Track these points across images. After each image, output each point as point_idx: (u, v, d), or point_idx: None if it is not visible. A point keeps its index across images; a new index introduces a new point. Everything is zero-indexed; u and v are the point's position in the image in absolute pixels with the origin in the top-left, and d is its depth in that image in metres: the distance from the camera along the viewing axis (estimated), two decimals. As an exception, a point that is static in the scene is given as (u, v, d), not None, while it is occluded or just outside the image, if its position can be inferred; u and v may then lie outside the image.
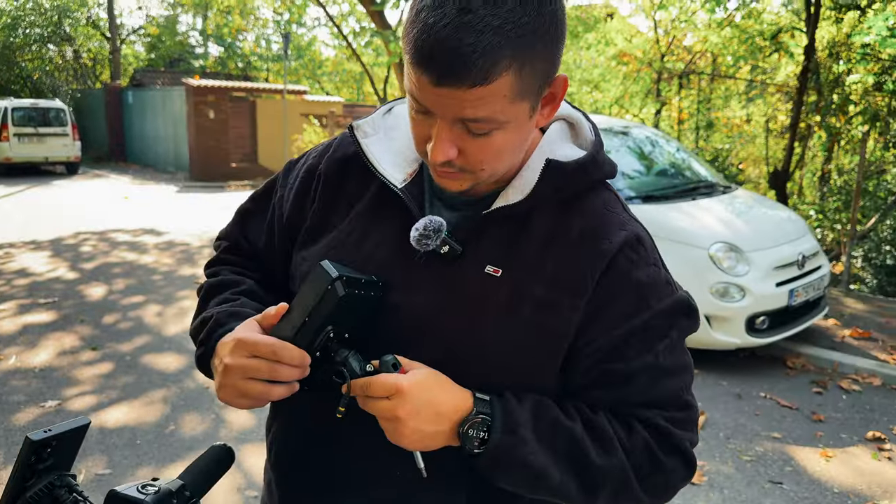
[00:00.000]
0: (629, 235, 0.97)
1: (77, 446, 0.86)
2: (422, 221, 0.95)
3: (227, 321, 1.03)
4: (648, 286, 0.96)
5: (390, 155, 1.04)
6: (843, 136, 9.90)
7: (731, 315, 4.72)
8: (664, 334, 0.97)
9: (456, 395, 0.92)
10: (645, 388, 0.97)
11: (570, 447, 0.93)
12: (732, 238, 4.94)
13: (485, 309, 0.94)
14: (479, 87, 0.81)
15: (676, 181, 5.97)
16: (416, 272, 0.97)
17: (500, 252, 0.96)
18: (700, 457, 3.71)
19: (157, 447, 3.65)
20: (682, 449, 0.98)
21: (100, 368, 4.71)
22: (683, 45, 13.34)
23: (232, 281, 1.15)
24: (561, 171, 0.96)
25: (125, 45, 27.03)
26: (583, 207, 0.98)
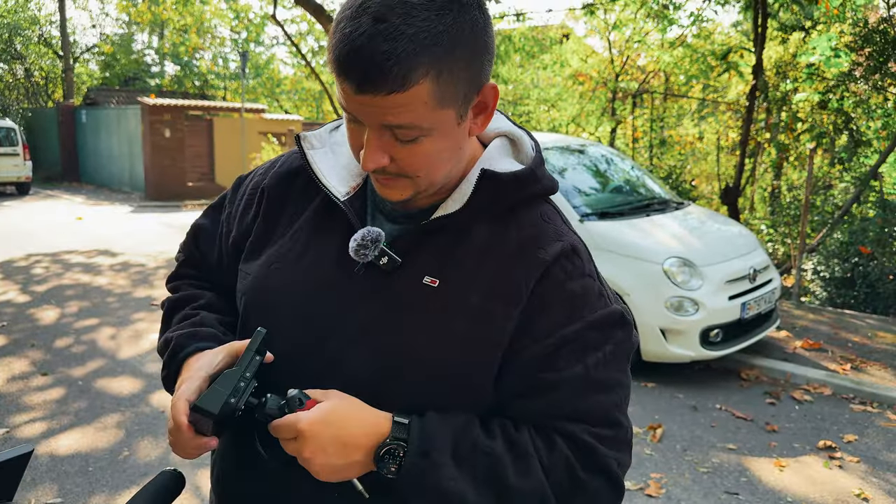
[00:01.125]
0: (565, 246, 0.98)
1: (19, 475, 0.85)
2: (360, 232, 0.97)
3: (187, 343, 1.06)
4: (581, 297, 0.97)
5: (335, 169, 1.07)
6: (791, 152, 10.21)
7: (685, 328, 4.81)
8: (596, 347, 0.97)
9: (368, 421, 0.92)
10: (572, 399, 0.96)
11: (489, 470, 0.92)
12: (686, 253, 5.04)
13: (421, 319, 0.96)
14: (396, 94, 0.83)
15: (631, 198, 6.08)
16: (355, 284, 0.99)
17: (438, 263, 0.97)
18: (657, 469, 3.75)
19: (110, 474, 3.56)
20: (607, 468, 0.96)
21: (51, 394, 4.59)
22: (637, 65, 13.64)
23: (191, 296, 1.18)
24: (496, 181, 0.98)
25: (79, 64, 26.55)
26: (520, 219, 1.00)
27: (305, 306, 1.00)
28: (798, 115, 9.63)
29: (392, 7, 0.81)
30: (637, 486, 3.57)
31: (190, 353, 1.04)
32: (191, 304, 1.16)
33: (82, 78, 27.11)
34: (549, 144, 6.21)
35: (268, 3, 15.45)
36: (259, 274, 1.06)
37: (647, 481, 3.62)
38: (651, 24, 11.80)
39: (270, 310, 1.03)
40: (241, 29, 20.56)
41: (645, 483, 3.60)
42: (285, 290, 1.02)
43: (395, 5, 0.81)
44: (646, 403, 4.64)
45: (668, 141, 12.73)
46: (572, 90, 13.98)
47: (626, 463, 0.99)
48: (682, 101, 13.93)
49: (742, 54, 10.64)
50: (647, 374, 5.03)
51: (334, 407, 0.90)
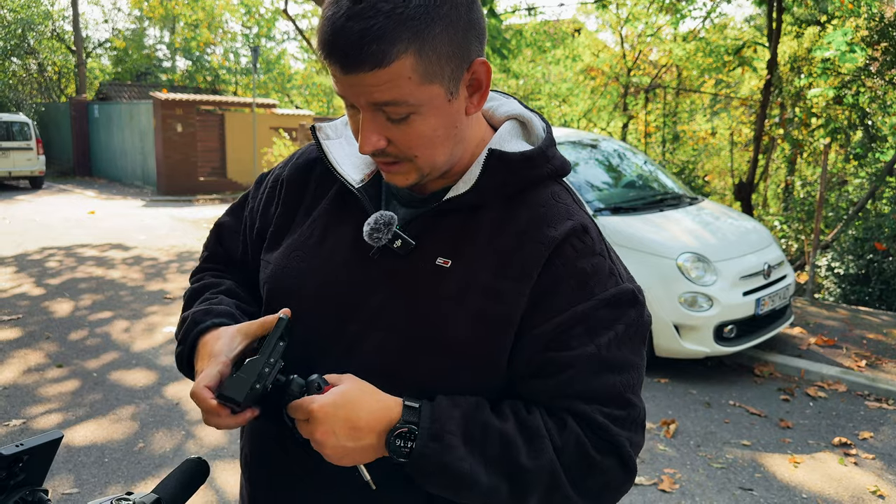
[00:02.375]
0: (575, 224, 0.98)
1: (49, 461, 0.86)
2: (373, 216, 0.99)
3: (203, 318, 1.07)
4: (592, 275, 0.97)
5: (350, 158, 1.09)
6: (805, 148, 10.14)
7: (699, 324, 4.79)
8: (608, 326, 0.96)
9: (379, 406, 0.92)
10: (584, 379, 0.95)
11: (501, 451, 0.92)
12: (700, 248, 5.02)
13: (436, 300, 0.97)
14: (378, 71, 0.85)
15: (644, 193, 6.05)
16: (372, 268, 1.00)
17: (450, 244, 0.98)
18: (671, 464, 3.74)
19: (125, 465, 3.59)
20: (619, 448, 0.96)
21: (66, 386, 4.62)
22: (649, 59, 13.57)
23: (211, 283, 1.20)
24: (505, 161, 0.98)
25: (91, 59, 26.68)
26: (530, 199, 1.00)
27: (325, 292, 1.02)
28: (812, 110, 9.56)
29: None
30: (651, 482, 3.56)
31: (205, 329, 1.05)
32: (210, 290, 1.18)
33: (95, 73, 27.25)
34: (562, 139, 6.18)
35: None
36: (280, 262, 1.08)
37: (660, 476, 3.61)
38: (663, 17, 11.74)
39: (292, 296, 1.04)
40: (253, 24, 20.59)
41: (658, 478, 3.59)
42: (306, 276, 1.04)
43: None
44: (659, 399, 4.62)
45: (680, 136, 12.67)
46: (584, 85, 13.94)
47: (639, 443, 0.99)
48: (694, 96, 13.85)
49: (756, 49, 10.57)
50: (660, 369, 5.02)
51: (346, 391, 0.92)
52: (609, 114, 13.16)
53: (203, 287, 1.19)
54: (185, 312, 1.14)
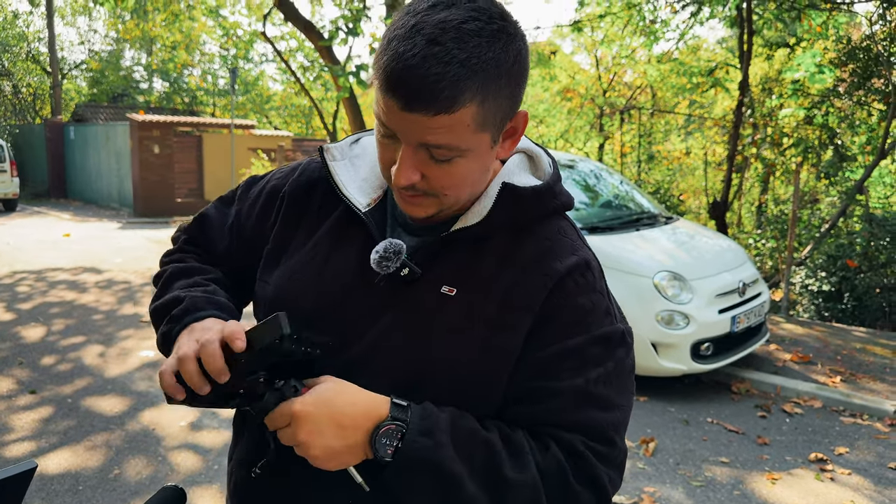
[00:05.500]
0: (579, 260, 1.00)
1: (23, 492, 0.85)
2: (382, 244, 0.99)
3: (206, 307, 1.05)
4: (590, 312, 0.99)
5: (355, 181, 1.09)
6: (777, 167, 10.32)
7: (676, 342, 4.83)
8: (598, 363, 0.98)
9: (365, 403, 0.91)
10: (569, 410, 0.96)
11: (486, 459, 0.92)
12: (675, 267, 5.07)
13: (439, 327, 0.97)
14: (442, 115, 0.85)
15: (620, 213, 6.11)
16: (375, 294, 1.00)
17: (456, 273, 0.99)
18: (650, 482, 3.75)
19: (100, 493, 3.52)
20: (598, 481, 0.95)
21: (39, 413, 4.53)
22: (624, 81, 13.76)
23: (201, 268, 1.17)
24: (516, 195, 1.00)
25: (67, 80, 26.50)
26: (537, 232, 1.02)
27: (327, 317, 1.02)
28: (784, 130, 9.74)
29: (446, 31, 0.84)
30: (631, 501, 3.56)
31: (205, 317, 1.02)
32: (201, 274, 1.15)
33: (70, 94, 27.05)
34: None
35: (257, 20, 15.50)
36: (279, 284, 1.08)
37: (640, 495, 3.61)
38: (637, 40, 11.93)
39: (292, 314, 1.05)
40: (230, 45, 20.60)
41: (639, 497, 3.60)
42: (306, 300, 1.04)
43: (450, 30, 0.84)
44: (638, 417, 4.64)
45: (655, 156, 12.83)
46: (560, 106, 14.09)
47: (617, 484, 0.99)
48: (668, 116, 14.06)
49: (728, 70, 10.77)
50: (638, 387, 5.03)
51: (328, 388, 0.91)
52: (585, 134, 13.30)
53: (191, 269, 1.16)
54: (181, 291, 1.08)
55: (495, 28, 0.86)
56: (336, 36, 9.43)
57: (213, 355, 0.90)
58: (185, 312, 1.03)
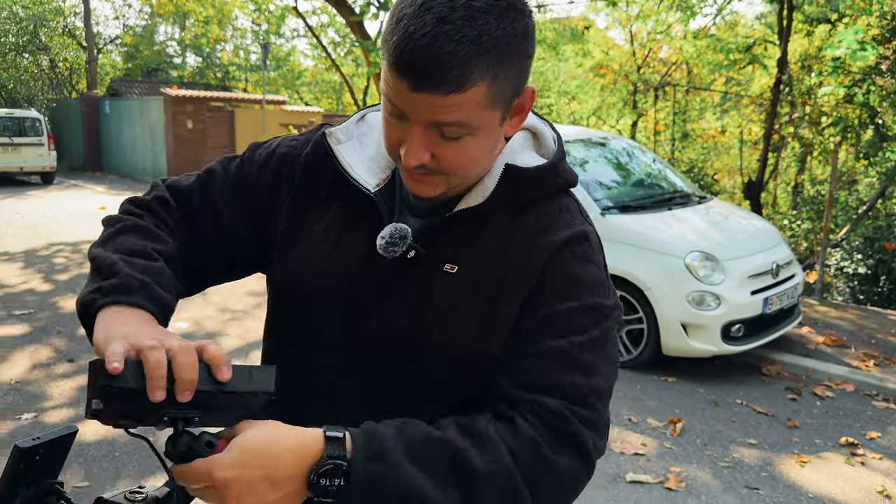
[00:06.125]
0: (576, 232, 1.00)
1: (65, 454, 0.87)
2: (387, 230, 0.99)
3: (138, 290, 0.93)
4: (582, 281, 0.99)
5: (363, 161, 1.08)
6: (815, 147, 10.09)
7: (707, 323, 4.78)
8: (584, 331, 0.97)
9: (294, 446, 0.83)
10: (551, 372, 0.94)
11: (449, 459, 0.87)
12: (708, 247, 5.01)
13: (441, 305, 0.98)
14: (454, 95, 0.85)
15: (653, 191, 6.05)
16: (384, 276, 1.01)
17: (458, 251, 1.00)
18: (677, 462, 3.75)
19: (136, 460, 3.62)
20: (579, 440, 0.92)
21: (76, 381, 4.66)
22: (659, 57, 13.52)
23: (156, 234, 1.06)
24: (519, 176, 1.00)
25: (102, 55, 26.80)
26: (538, 209, 1.02)
27: (337, 299, 1.03)
28: (823, 108, 9.51)
29: (455, 9, 0.83)
30: (657, 480, 3.56)
31: (131, 304, 0.91)
32: (154, 242, 1.04)
33: (105, 69, 27.37)
34: (571, 137, 6.18)
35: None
36: (294, 268, 1.08)
37: (666, 475, 3.61)
38: (673, 15, 11.69)
39: (303, 301, 1.06)
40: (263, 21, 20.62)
41: (665, 476, 3.60)
42: (318, 283, 1.05)
43: (458, 7, 0.83)
44: (666, 398, 4.62)
45: (690, 134, 12.62)
46: (593, 83, 13.90)
47: (600, 448, 0.96)
48: (704, 94, 13.80)
49: (766, 47, 10.52)
50: (667, 368, 5.01)
51: (252, 442, 0.81)
52: (618, 111, 13.12)
53: (144, 230, 1.05)
54: (118, 256, 0.97)
55: (504, 5, 0.86)
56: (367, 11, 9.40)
57: (192, 365, 0.79)
58: (113, 289, 0.92)
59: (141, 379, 0.75)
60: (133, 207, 1.11)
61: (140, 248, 1.00)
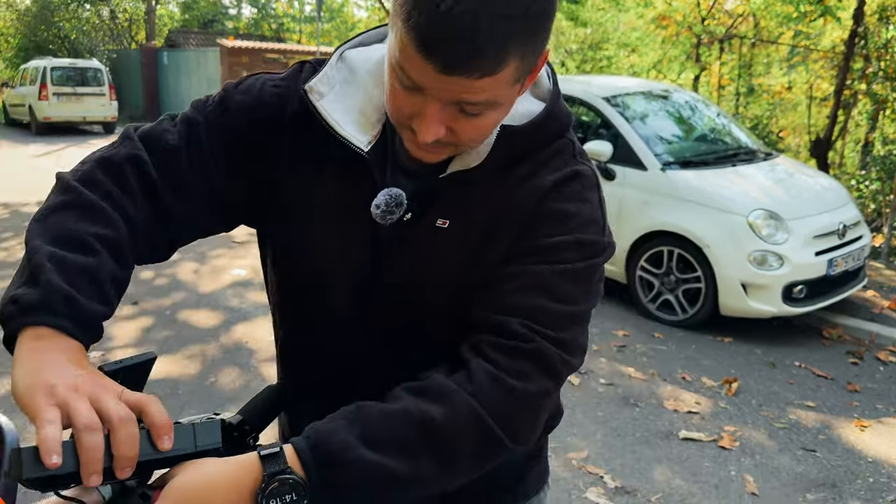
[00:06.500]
0: (568, 172, 0.97)
1: (144, 379, 0.90)
2: (382, 197, 0.95)
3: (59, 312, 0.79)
4: (573, 216, 0.95)
5: (351, 114, 0.97)
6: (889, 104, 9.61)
7: (768, 283, 4.67)
8: (568, 261, 0.93)
9: (229, 478, 0.78)
10: (521, 291, 0.91)
11: (412, 429, 0.84)
12: (772, 205, 4.86)
13: (436, 260, 0.97)
14: (487, 78, 0.79)
15: (716, 147, 5.87)
16: (381, 238, 0.98)
17: (451, 207, 0.96)
18: (731, 422, 3.70)
19: (198, 398, 3.75)
20: (544, 356, 0.88)
21: (140, 322, 4.83)
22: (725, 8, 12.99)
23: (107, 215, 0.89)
24: (515, 135, 0.95)
25: (160, 6, 27.09)
26: (533, 158, 0.98)
27: (337, 264, 1.00)
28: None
29: None
30: (710, 438, 3.53)
31: (52, 326, 0.79)
32: (99, 225, 0.88)
33: (163, 20, 27.71)
34: (632, 89, 6.03)
35: (344, -56, 15.27)
36: (288, 235, 1.04)
37: (720, 433, 3.58)
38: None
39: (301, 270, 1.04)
40: (317, -29, 20.55)
41: (718, 435, 3.56)
42: (315, 251, 1.01)
43: None
44: (722, 358, 4.55)
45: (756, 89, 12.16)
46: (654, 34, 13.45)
47: (572, 364, 0.92)
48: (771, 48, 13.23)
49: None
50: (724, 328, 4.93)
51: (180, 488, 0.76)
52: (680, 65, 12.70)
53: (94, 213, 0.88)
54: (46, 251, 0.82)
55: None
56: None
57: (132, 439, 0.72)
58: (33, 306, 0.78)
59: (76, 461, 0.69)
60: (96, 171, 0.93)
61: (78, 237, 0.85)
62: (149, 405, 0.75)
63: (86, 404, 0.71)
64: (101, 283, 0.85)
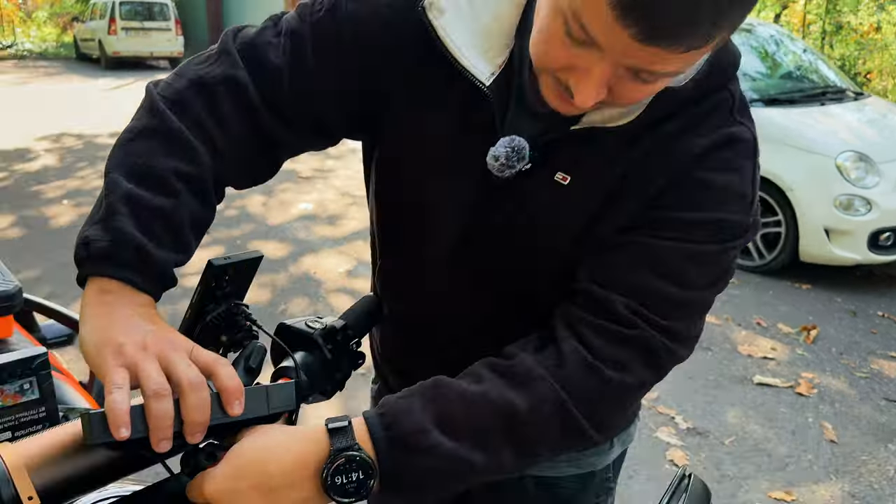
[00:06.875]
0: (721, 135, 0.82)
1: (251, 277, 0.87)
2: (501, 148, 0.83)
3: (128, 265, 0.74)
4: (718, 190, 0.81)
5: (476, 37, 0.84)
6: None
7: (853, 229, 4.45)
8: (699, 240, 0.81)
9: (294, 450, 0.72)
10: (635, 268, 0.81)
11: (492, 415, 0.77)
12: (863, 147, 4.60)
13: (550, 216, 0.87)
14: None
15: (803, 84, 5.57)
16: (494, 187, 0.88)
17: (576, 160, 0.85)
18: (809, 369, 3.59)
19: (271, 324, 3.80)
20: (648, 344, 0.80)
21: (212, 251, 4.92)
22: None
23: (192, 148, 0.82)
24: (673, 97, 0.81)
25: (224, -60, 26.96)
26: (683, 114, 0.84)
27: (443, 204, 0.93)
28: None
29: None
30: (787, 384, 3.43)
31: (122, 280, 0.74)
32: (183, 156, 0.81)
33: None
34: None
35: None
36: (397, 159, 0.95)
37: (797, 380, 3.47)
38: None
39: (407, 198, 0.97)
40: None
41: (795, 381, 3.46)
42: (423, 184, 0.93)
43: None
44: (800, 304, 4.39)
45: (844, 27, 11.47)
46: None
47: (681, 353, 0.83)
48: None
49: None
50: (802, 274, 4.74)
51: (243, 453, 0.71)
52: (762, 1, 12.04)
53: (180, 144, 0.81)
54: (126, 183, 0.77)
55: None
56: None
57: (202, 405, 0.67)
58: (103, 256, 0.74)
59: (145, 427, 0.66)
60: (188, 92, 0.85)
61: (157, 174, 0.78)
62: (219, 367, 0.70)
63: (154, 366, 0.67)
64: (177, 227, 0.79)
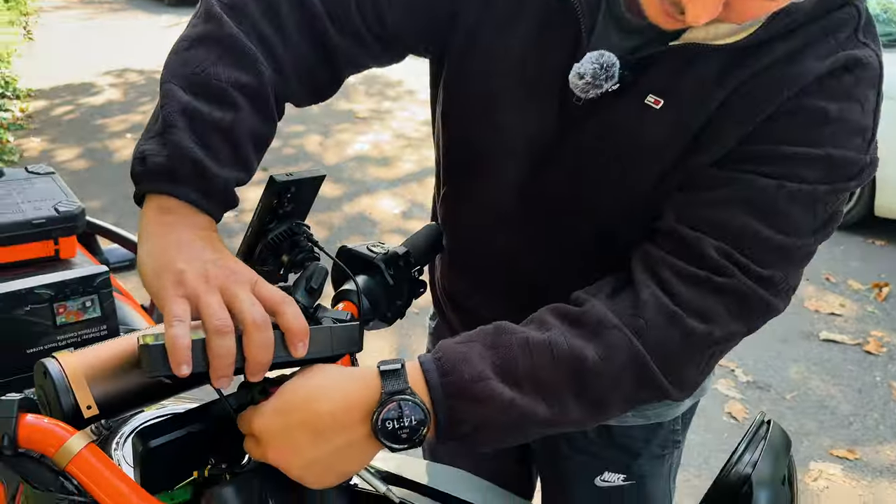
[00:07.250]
0: (841, 58, 0.73)
1: (313, 197, 0.84)
2: (588, 65, 0.76)
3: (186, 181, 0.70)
4: (833, 122, 0.72)
5: None
6: None
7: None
8: (806, 179, 0.72)
9: (345, 390, 0.67)
10: (730, 207, 0.73)
11: (559, 364, 0.70)
12: (952, 96, 4.30)
13: (635, 143, 0.79)
14: None
15: (889, 28, 5.22)
16: (575, 107, 0.81)
17: (669, 81, 0.76)
18: (879, 327, 3.46)
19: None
20: (740, 293, 0.72)
21: (269, 188, 4.97)
22: None
23: (249, 60, 0.76)
24: (791, 12, 0.72)
25: None
26: (799, 32, 0.74)
27: (517, 129, 0.86)
28: None
29: None
30: (855, 341, 3.31)
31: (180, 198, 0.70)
32: (242, 66, 0.76)
33: None
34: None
35: None
36: (469, 81, 0.89)
37: (866, 338, 3.35)
38: None
39: (476, 122, 0.90)
40: None
41: (864, 339, 3.33)
42: (496, 107, 0.87)
43: None
44: (873, 261, 4.20)
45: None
46: None
47: (777, 305, 0.75)
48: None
49: None
50: (877, 229, 4.52)
51: (294, 389, 0.67)
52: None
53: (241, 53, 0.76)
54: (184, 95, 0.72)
55: None
56: None
57: (266, 345, 0.63)
58: (160, 172, 0.69)
59: (205, 363, 0.62)
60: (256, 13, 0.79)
61: (215, 85, 0.73)
62: (285, 306, 0.65)
63: (217, 299, 0.62)
64: (238, 142, 0.74)
